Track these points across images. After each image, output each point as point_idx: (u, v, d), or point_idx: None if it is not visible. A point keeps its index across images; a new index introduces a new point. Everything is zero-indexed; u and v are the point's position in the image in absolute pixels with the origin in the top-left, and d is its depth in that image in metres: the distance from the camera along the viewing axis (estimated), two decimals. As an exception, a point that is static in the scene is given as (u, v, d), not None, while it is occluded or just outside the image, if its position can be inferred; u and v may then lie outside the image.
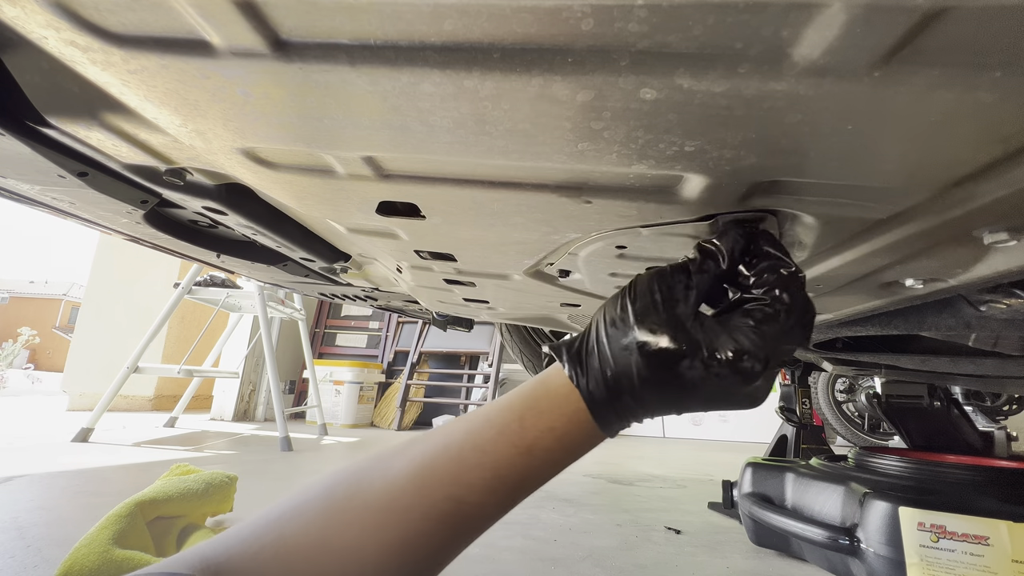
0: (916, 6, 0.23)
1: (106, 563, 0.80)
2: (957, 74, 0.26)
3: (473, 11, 0.26)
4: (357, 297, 1.38)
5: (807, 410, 1.79)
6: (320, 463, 2.17)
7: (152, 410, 4.01)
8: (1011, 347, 0.81)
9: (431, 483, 0.36)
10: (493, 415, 0.39)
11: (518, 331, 2.03)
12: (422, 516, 0.35)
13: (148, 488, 1.00)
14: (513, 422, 0.38)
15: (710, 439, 4.48)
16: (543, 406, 0.39)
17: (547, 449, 0.38)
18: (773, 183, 0.40)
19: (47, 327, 21.24)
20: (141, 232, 0.83)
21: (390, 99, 0.34)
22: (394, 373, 4.64)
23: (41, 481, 1.53)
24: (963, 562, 0.83)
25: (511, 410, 0.39)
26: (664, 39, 0.26)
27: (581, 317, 1.10)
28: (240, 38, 0.30)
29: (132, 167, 0.56)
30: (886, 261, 0.52)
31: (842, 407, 3.43)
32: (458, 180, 0.47)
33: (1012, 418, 2.65)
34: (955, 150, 0.33)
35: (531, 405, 0.39)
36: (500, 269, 0.75)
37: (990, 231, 0.42)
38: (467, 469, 0.37)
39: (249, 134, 0.42)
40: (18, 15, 0.33)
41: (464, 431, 0.39)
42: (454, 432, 0.39)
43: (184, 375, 2.55)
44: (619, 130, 0.34)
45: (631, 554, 1.13)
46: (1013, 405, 2.61)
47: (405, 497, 0.36)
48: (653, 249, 0.57)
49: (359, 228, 0.66)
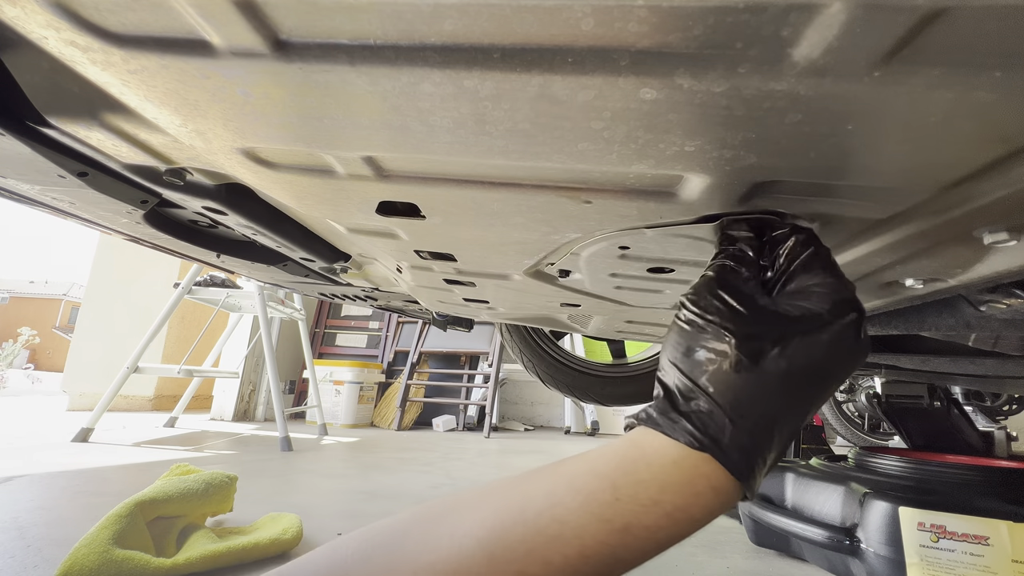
0: (916, 6, 0.23)
1: (106, 563, 0.80)
2: (957, 74, 0.26)
3: (473, 11, 0.26)
4: (357, 297, 1.38)
5: (807, 410, 1.78)
6: (320, 463, 2.17)
7: (152, 410, 4.01)
8: (1011, 347, 0.81)
9: (503, 555, 0.30)
10: (579, 478, 0.32)
11: (518, 331, 2.03)
12: None
13: (148, 488, 1.00)
14: (603, 491, 0.31)
15: (710, 439, 4.47)
16: (642, 475, 0.31)
17: (649, 528, 0.30)
18: (773, 183, 0.40)
19: (47, 327, 21.24)
20: (141, 232, 0.83)
21: (390, 99, 0.34)
22: (394, 373, 4.64)
23: (41, 481, 1.53)
24: (963, 562, 0.83)
25: (600, 476, 0.31)
26: (664, 39, 0.26)
27: (581, 317, 1.10)
28: (240, 38, 0.30)
29: (132, 167, 0.56)
30: (886, 261, 0.52)
31: (842, 407, 3.43)
32: (458, 180, 0.47)
33: (1012, 418, 2.65)
34: (955, 150, 0.33)
35: (627, 470, 0.31)
36: (500, 269, 0.75)
37: (990, 231, 0.42)
38: (545, 542, 0.30)
39: (249, 134, 0.42)
40: (18, 15, 0.33)
41: (544, 493, 0.32)
42: (534, 493, 0.32)
43: (184, 375, 2.55)
44: (619, 130, 0.34)
45: (631, 554, 1.13)
46: (1013, 405, 2.61)
47: (473, 569, 0.29)
48: (656, 250, 0.57)
49: (359, 228, 0.66)
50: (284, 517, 1.13)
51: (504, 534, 0.30)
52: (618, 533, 0.30)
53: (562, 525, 0.30)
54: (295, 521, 1.10)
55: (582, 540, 0.30)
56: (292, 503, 1.44)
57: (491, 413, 3.95)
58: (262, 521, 1.14)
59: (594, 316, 1.06)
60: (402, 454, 2.59)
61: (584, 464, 0.33)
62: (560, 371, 1.99)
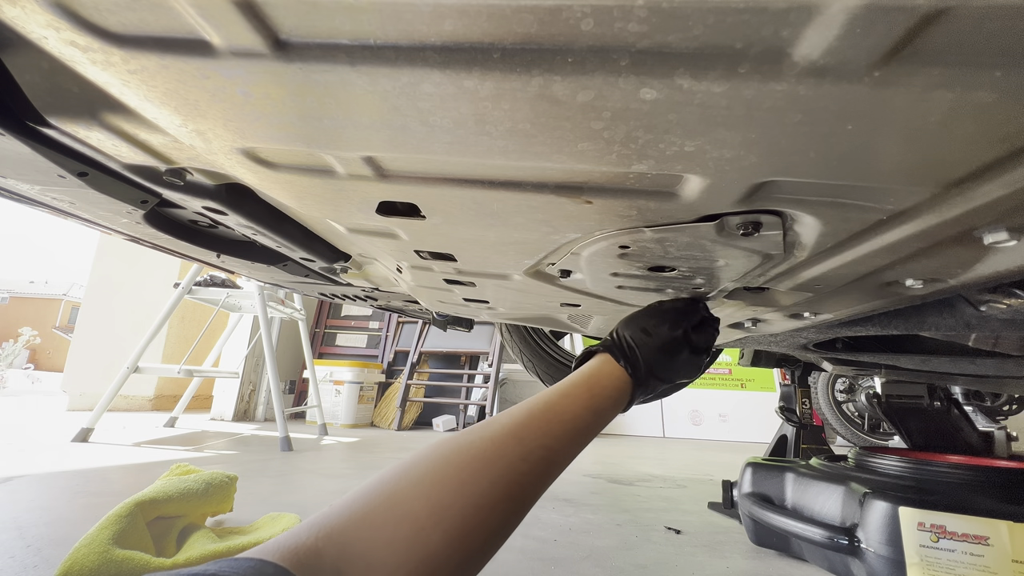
0: (916, 6, 0.23)
1: (106, 563, 0.80)
2: (957, 74, 0.26)
3: (473, 11, 0.26)
4: (357, 297, 1.38)
5: (807, 410, 1.79)
6: (320, 463, 2.17)
7: (152, 410, 4.01)
8: (1011, 347, 0.81)
9: (528, 435, 0.47)
10: (567, 390, 0.56)
11: (518, 331, 2.03)
12: (522, 459, 0.45)
13: (148, 488, 1.00)
14: (584, 395, 0.56)
15: (710, 439, 4.48)
16: (604, 384, 0.59)
17: (603, 410, 0.57)
18: (774, 183, 0.40)
19: (47, 327, 21.25)
20: (141, 232, 0.83)
21: (390, 99, 0.34)
22: (394, 373, 4.64)
23: (41, 481, 1.53)
24: (963, 562, 0.83)
25: (581, 386, 0.57)
26: (664, 39, 0.26)
27: (581, 317, 1.10)
28: (240, 38, 0.30)
29: (132, 167, 0.56)
30: (886, 261, 0.52)
31: (842, 407, 3.43)
32: (458, 180, 0.47)
33: (1012, 418, 2.65)
34: (955, 150, 0.33)
35: (595, 383, 0.58)
36: (500, 269, 0.75)
37: (990, 231, 0.42)
38: (554, 425, 0.50)
39: (249, 134, 0.42)
40: (18, 15, 0.33)
41: (544, 403, 0.52)
42: (535, 404, 0.52)
43: (184, 375, 2.55)
44: (619, 130, 0.34)
45: (631, 554, 1.13)
46: (1013, 405, 2.61)
47: (507, 447, 0.45)
48: (656, 249, 0.57)
49: (359, 228, 0.66)
50: (284, 517, 1.13)
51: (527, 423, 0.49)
52: (592, 414, 0.55)
53: (563, 414, 0.52)
54: (295, 521, 1.10)
55: (576, 421, 0.52)
56: (292, 503, 1.44)
57: (491, 413, 3.95)
58: (262, 521, 1.14)
59: (594, 316, 1.06)
60: (402, 454, 2.59)
61: (566, 385, 0.57)
62: (560, 371, 1.99)
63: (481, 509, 0.41)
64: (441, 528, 0.38)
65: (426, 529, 0.37)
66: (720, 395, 4.68)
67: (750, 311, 0.83)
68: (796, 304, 0.75)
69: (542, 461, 0.47)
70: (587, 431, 0.53)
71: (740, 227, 0.47)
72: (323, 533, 0.35)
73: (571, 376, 0.59)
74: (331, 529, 0.35)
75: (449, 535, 0.38)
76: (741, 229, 0.47)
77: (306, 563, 0.32)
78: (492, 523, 0.41)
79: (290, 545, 0.33)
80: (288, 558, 0.32)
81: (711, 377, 4.74)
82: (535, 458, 0.46)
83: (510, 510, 0.43)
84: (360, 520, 0.37)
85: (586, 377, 0.59)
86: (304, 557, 0.33)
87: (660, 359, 0.64)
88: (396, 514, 0.38)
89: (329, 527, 0.35)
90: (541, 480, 0.47)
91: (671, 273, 0.65)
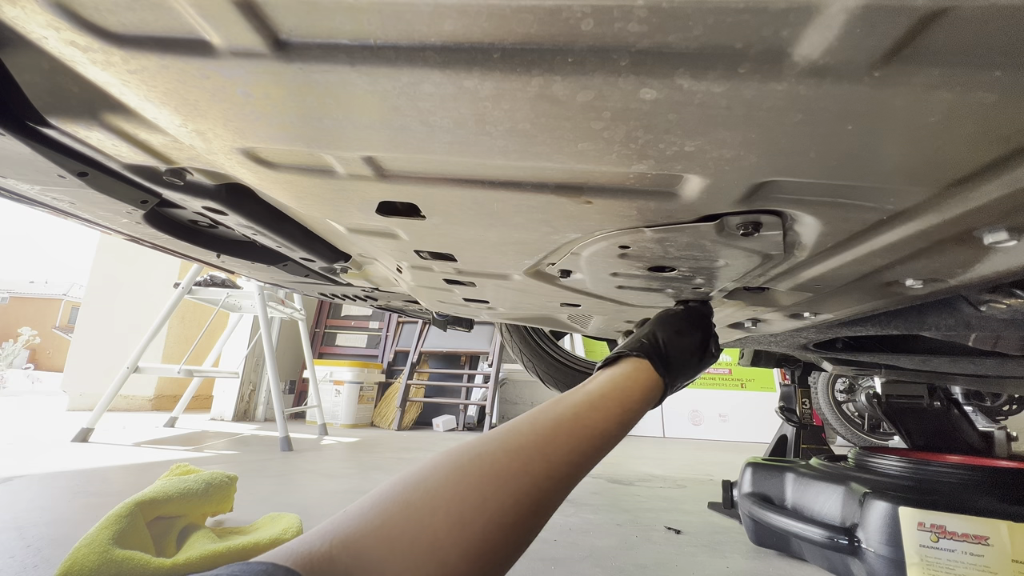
0: (916, 6, 0.23)
1: (106, 563, 0.80)
2: (957, 74, 0.26)
3: (473, 11, 0.26)
4: (357, 297, 1.38)
5: (807, 410, 1.79)
6: (320, 463, 2.17)
7: (152, 410, 4.01)
8: (1011, 347, 0.81)
9: (554, 452, 0.45)
10: (597, 402, 0.52)
11: (518, 331, 2.03)
12: (547, 476, 0.43)
13: (148, 488, 1.00)
14: (615, 408, 0.53)
15: (710, 439, 4.48)
16: (637, 397, 0.55)
17: (631, 421, 0.54)
18: (774, 183, 0.40)
19: (47, 327, 21.25)
20: (141, 232, 0.83)
21: (390, 99, 0.34)
22: (394, 373, 4.64)
23: (41, 481, 1.53)
24: (963, 562, 0.83)
25: (612, 399, 0.53)
26: (664, 39, 0.26)
27: (581, 317, 1.10)
28: (240, 38, 0.30)
29: (132, 167, 0.56)
30: (886, 261, 0.52)
31: (842, 407, 3.43)
32: (458, 180, 0.47)
33: (1012, 418, 2.65)
34: (955, 150, 0.33)
35: (627, 396, 0.54)
36: (500, 269, 0.75)
37: (990, 231, 0.42)
38: (582, 442, 0.48)
39: (249, 134, 0.42)
40: (18, 15, 0.32)
41: (573, 415, 0.49)
42: (563, 416, 0.49)
43: (184, 375, 2.55)
44: (619, 130, 0.34)
45: (631, 554, 1.13)
46: (1013, 405, 2.61)
47: (533, 463, 0.43)
48: (656, 249, 0.57)
49: (359, 228, 0.66)
50: (284, 517, 1.13)
51: (554, 438, 0.46)
52: (619, 427, 0.52)
53: (592, 430, 0.49)
54: (295, 521, 1.10)
55: (605, 435, 0.50)
56: (292, 503, 1.44)
57: (491, 413, 3.95)
58: (262, 521, 1.14)
59: (594, 316, 1.06)
60: (402, 454, 2.59)
61: (596, 391, 0.54)
62: (560, 371, 1.99)
63: (503, 527, 0.39)
64: (460, 547, 0.37)
65: (444, 547, 0.36)
66: (720, 395, 4.68)
67: (750, 311, 0.83)
68: (796, 304, 0.75)
69: (567, 477, 0.45)
70: (613, 443, 0.51)
71: (740, 227, 0.47)
72: (337, 540, 0.34)
73: (601, 384, 0.55)
74: (345, 537, 0.35)
75: (468, 554, 0.37)
76: (741, 229, 0.47)
77: (319, 570, 0.32)
78: (513, 540, 0.40)
79: (303, 551, 0.33)
80: (301, 564, 0.32)
81: (711, 377, 4.74)
82: (560, 475, 0.44)
83: (533, 526, 0.42)
84: (376, 530, 0.36)
85: (620, 389, 0.55)
86: (317, 564, 0.32)
87: (689, 362, 0.64)
88: (413, 526, 0.36)
89: (344, 535, 0.35)
90: (563, 495, 0.45)
91: (671, 273, 0.65)
